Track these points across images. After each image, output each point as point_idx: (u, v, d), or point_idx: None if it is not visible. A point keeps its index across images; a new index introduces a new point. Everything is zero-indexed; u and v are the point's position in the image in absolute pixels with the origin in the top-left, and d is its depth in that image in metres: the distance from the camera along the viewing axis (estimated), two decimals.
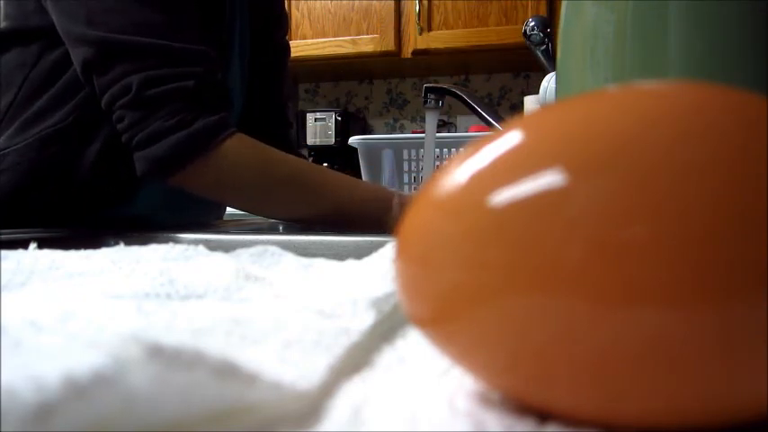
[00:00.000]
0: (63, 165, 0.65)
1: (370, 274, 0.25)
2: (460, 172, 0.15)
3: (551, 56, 0.78)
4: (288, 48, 0.90)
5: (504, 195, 0.13)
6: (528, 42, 0.77)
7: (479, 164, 0.14)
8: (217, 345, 0.17)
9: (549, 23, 0.76)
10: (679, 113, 0.13)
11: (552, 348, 0.13)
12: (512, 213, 0.13)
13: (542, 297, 0.13)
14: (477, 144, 0.15)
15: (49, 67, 0.65)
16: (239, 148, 0.61)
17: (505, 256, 0.13)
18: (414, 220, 0.16)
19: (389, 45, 2.20)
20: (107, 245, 0.34)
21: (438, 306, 0.15)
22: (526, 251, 0.13)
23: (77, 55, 0.60)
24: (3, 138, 0.65)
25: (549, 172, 0.13)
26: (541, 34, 0.76)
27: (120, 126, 0.60)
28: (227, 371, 0.13)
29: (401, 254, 0.16)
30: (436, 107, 0.86)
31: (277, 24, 0.86)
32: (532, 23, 0.76)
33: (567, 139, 0.14)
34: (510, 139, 0.14)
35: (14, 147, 0.64)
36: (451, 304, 0.14)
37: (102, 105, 0.60)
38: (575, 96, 0.15)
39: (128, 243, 0.35)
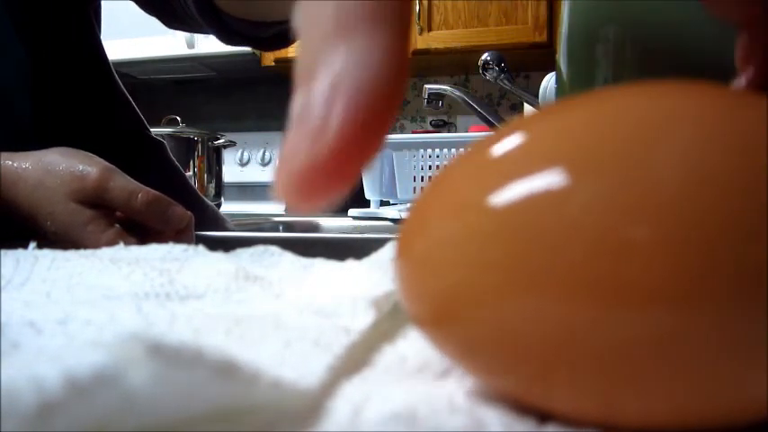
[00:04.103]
0: None
1: (370, 274, 0.25)
2: (462, 171, 0.15)
3: (512, 80, 0.83)
4: None
5: (506, 195, 0.13)
6: (485, 75, 0.81)
7: (481, 163, 0.14)
8: (217, 344, 0.17)
9: (501, 58, 0.81)
10: (684, 113, 0.13)
11: (553, 350, 0.13)
12: (513, 213, 0.13)
13: (543, 298, 0.13)
14: (479, 143, 0.15)
15: None
16: None
17: (506, 256, 0.13)
18: (415, 219, 0.16)
19: None
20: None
21: (438, 306, 0.15)
22: (527, 251, 0.13)
23: None
24: None
25: (552, 171, 0.13)
26: (497, 68, 0.81)
27: None
28: (227, 370, 0.13)
29: (402, 253, 0.16)
30: (436, 107, 0.86)
31: None
32: (488, 57, 0.81)
33: (571, 139, 0.14)
34: (512, 138, 0.14)
35: None
36: (452, 304, 0.14)
37: None
38: (577, 96, 0.15)
39: (127, 243, 0.35)
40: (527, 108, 1.41)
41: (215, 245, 0.34)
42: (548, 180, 0.13)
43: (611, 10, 0.30)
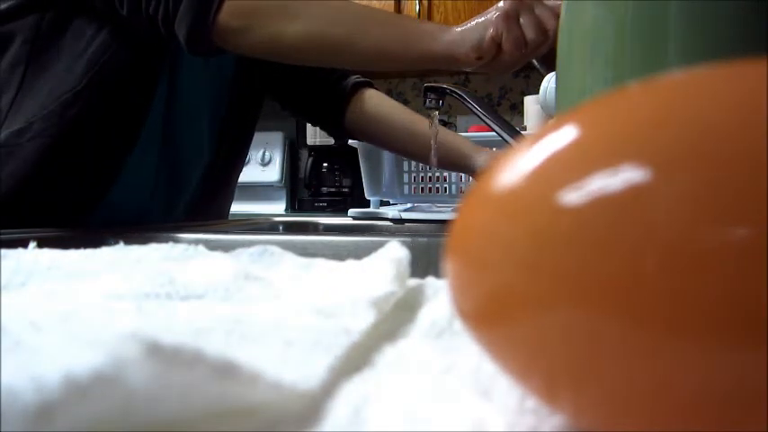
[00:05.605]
0: (85, 126, 0.69)
1: (370, 274, 0.25)
2: (522, 166, 0.13)
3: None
4: None
5: (572, 194, 0.12)
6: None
7: (543, 158, 0.13)
8: (217, 344, 0.17)
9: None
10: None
11: (610, 377, 0.11)
12: (580, 214, 0.11)
13: (607, 310, 0.11)
14: (540, 135, 0.13)
15: (47, 36, 0.69)
16: None
17: (571, 261, 0.11)
18: (469, 215, 0.15)
19: None
20: (107, 245, 0.34)
21: (489, 306, 0.13)
22: (594, 257, 0.11)
23: None
24: (24, 112, 0.69)
25: (625, 167, 0.11)
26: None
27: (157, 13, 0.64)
28: (228, 371, 0.13)
29: (454, 249, 0.15)
30: (436, 107, 0.86)
31: None
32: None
33: (645, 128, 0.11)
34: (576, 130, 0.13)
35: (39, 116, 0.69)
36: (504, 307, 0.13)
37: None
38: (638, 84, 0.13)
39: (128, 243, 0.35)
40: (527, 108, 1.41)
41: (215, 245, 0.34)
42: (622, 176, 0.11)
43: (612, 10, 0.30)
